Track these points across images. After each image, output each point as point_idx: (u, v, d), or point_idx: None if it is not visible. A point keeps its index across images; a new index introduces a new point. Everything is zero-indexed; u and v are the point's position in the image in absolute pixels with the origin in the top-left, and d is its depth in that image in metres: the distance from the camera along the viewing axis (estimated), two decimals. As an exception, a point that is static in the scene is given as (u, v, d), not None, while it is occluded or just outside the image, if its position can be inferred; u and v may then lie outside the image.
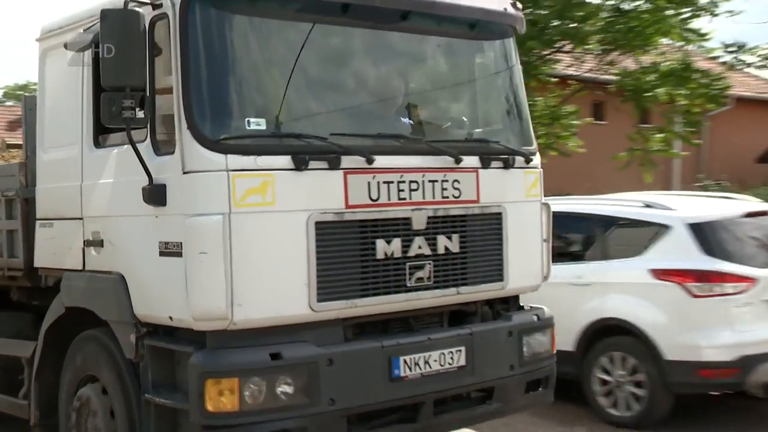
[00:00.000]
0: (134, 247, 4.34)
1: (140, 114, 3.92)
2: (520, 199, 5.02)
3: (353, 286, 4.18)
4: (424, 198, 4.45)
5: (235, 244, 3.81)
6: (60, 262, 4.93)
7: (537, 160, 5.17)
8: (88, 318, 4.72)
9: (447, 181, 4.56)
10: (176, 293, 3.97)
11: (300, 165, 3.98)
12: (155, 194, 4.02)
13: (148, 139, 4.13)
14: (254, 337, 3.95)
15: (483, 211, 4.77)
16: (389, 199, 4.32)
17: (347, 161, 4.13)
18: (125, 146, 4.20)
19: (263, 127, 4.03)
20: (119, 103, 3.80)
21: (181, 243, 3.92)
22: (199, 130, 3.86)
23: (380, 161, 4.25)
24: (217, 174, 3.82)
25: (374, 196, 4.26)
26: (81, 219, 4.72)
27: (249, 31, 4.24)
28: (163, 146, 4.12)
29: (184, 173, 3.90)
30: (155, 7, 4.02)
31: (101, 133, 4.60)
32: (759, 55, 13.80)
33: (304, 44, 4.24)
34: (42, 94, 5.21)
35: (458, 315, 4.87)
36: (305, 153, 4.01)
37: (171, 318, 4.06)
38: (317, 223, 4.02)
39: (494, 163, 4.81)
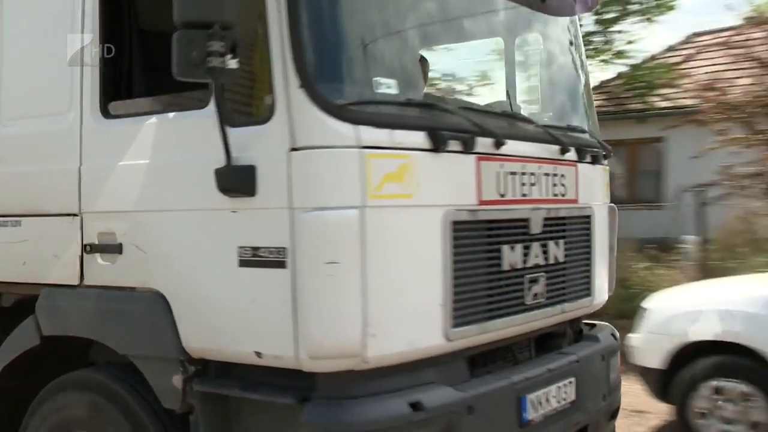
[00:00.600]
0: (186, 254, 3.06)
1: (232, 63, 2.69)
2: (601, 201, 4.29)
3: (481, 306, 3.19)
4: (540, 195, 3.56)
5: (370, 249, 2.73)
6: (35, 275, 3.50)
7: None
8: (69, 353, 3.43)
9: (556, 175, 3.71)
10: (271, 319, 2.80)
11: (438, 145, 2.95)
12: (238, 180, 2.80)
13: (213, 102, 2.88)
14: (373, 380, 2.83)
15: (580, 213, 3.97)
16: (514, 195, 3.38)
17: (480, 144, 3.14)
18: (168, 115, 3.10)
19: (395, 91, 2.96)
20: (203, 47, 2.59)
21: (286, 249, 2.72)
22: (320, 91, 2.71)
23: (504, 147, 3.30)
24: (348, 152, 2.70)
25: (502, 191, 3.30)
26: (77, 215, 3.34)
27: None
28: (243, 114, 2.96)
29: (293, 150, 2.71)
30: None
31: (113, 97, 3.31)
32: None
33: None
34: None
35: (543, 338, 4.01)
36: (441, 129, 2.98)
37: (259, 354, 2.84)
38: (454, 223, 3.01)
39: (587, 157, 4.03)
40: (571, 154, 3.83)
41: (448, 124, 3.04)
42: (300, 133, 2.70)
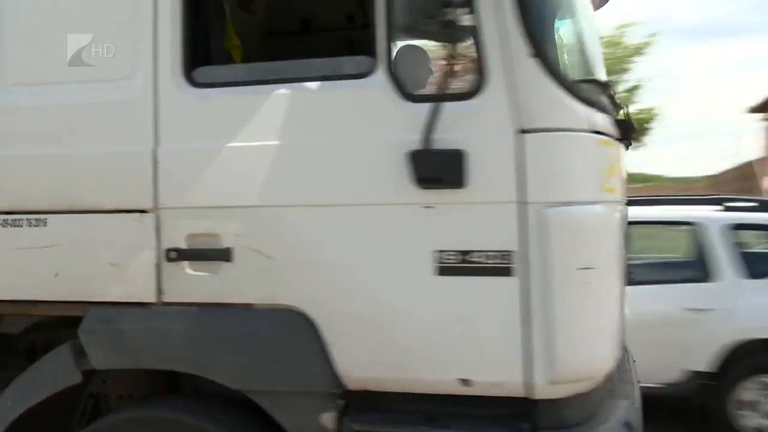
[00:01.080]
0: (348, 261, 2.37)
1: (467, 19, 2.13)
2: None
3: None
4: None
5: (601, 252, 2.33)
6: (74, 290, 2.55)
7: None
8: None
9: None
10: (487, 338, 2.27)
11: (630, 134, 2.64)
12: (442, 167, 2.24)
13: (382, 70, 2.29)
14: (582, 402, 2.36)
15: None
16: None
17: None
18: (301, 85, 2.42)
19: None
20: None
21: (512, 252, 2.21)
22: (554, 63, 2.26)
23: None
24: (587, 137, 2.29)
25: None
26: (151, 212, 2.47)
27: None
28: (436, 85, 2.34)
29: (524, 132, 2.21)
30: None
31: (202, 62, 2.53)
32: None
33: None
34: None
35: None
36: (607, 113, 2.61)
37: (466, 382, 2.28)
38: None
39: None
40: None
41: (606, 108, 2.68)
42: (533, 111, 2.21)
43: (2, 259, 2.59)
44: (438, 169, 2.24)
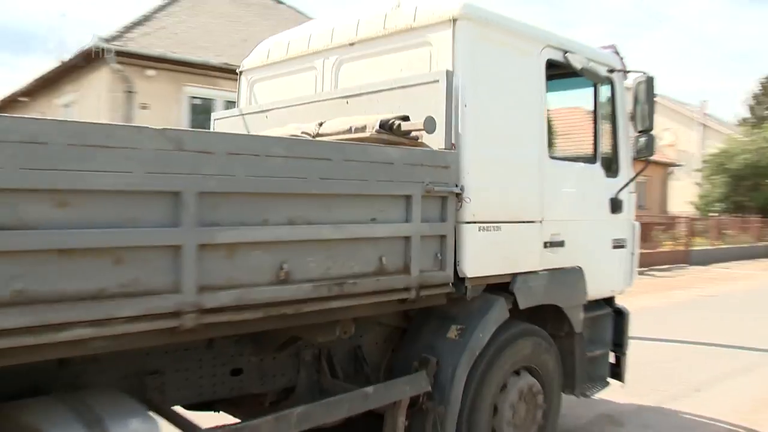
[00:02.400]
0: (590, 244, 5.20)
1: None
2: None
3: None
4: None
5: None
6: (509, 267, 4.47)
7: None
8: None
9: None
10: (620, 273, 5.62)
11: None
12: (619, 206, 5.41)
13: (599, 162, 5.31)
14: None
15: None
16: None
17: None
18: (585, 164, 5.29)
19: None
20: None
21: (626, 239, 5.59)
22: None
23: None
24: None
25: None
26: (539, 222, 4.68)
27: None
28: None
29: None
30: None
31: (550, 146, 4.92)
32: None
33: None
34: (473, 85, 4.10)
35: None
36: None
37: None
38: None
39: None
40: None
41: None
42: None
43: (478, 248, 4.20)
44: (618, 206, 5.33)
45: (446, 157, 3.86)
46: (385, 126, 3.76)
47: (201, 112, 14.36)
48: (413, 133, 3.83)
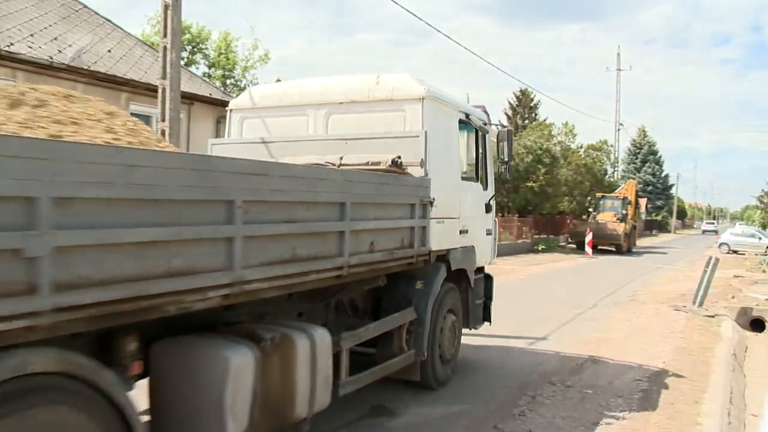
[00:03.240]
0: (477, 232, 8.34)
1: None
2: None
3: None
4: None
5: None
6: (447, 245, 7.45)
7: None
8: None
9: None
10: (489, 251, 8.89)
11: None
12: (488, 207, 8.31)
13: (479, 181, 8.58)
14: None
15: None
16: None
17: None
18: (473, 182, 8.32)
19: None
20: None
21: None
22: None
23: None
24: None
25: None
26: (458, 218, 7.74)
27: None
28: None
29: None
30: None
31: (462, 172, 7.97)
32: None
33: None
34: (432, 137, 6.75)
35: None
36: None
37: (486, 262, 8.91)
38: None
39: None
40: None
41: None
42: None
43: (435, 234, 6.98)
44: (489, 209, 8.35)
45: (427, 181, 6.60)
46: (394, 162, 6.34)
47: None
48: (407, 168, 6.56)
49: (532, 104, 50.41)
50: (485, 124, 8.72)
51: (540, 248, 33.68)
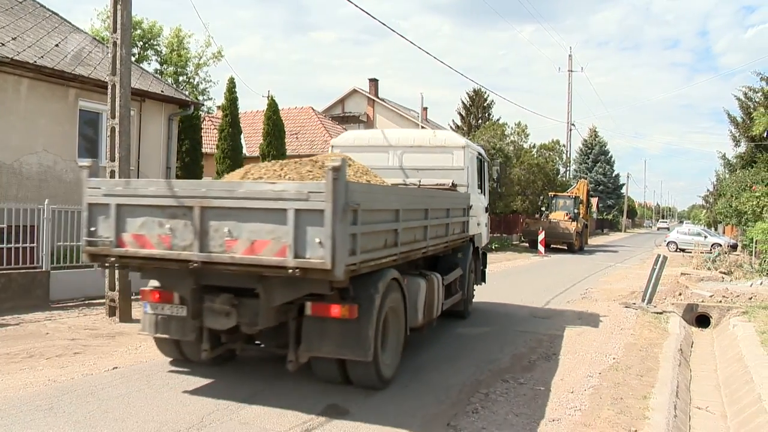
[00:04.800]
0: (481, 224, 13.17)
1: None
2: None
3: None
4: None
5: None
6: (473, 232, 12.35)
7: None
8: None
9: None
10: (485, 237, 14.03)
11: None
12: (486, 209, 12.87)
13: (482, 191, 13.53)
14: None
15: None
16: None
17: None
18: (481, 194, 13.36)
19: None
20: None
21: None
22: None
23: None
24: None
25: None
26: (476, 216, 12.59)
27: None
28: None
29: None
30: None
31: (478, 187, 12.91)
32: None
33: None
34: (468, 168, 11.93)
35: None
36: None
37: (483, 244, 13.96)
38: None
39: None
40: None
41: None
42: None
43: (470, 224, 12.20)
44: (487, 209, 11.88)
45: (468, 195, 11.72)
46: (453, 184, 11.52)
47: None
48: (457, 187, 11.59)
49: (485, 104, 50.99)
50: (485, 158, 13.85)
51: (494, 247, 34.08)
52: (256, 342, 7.78)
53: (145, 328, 7.26)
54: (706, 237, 44.01)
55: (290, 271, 5.81)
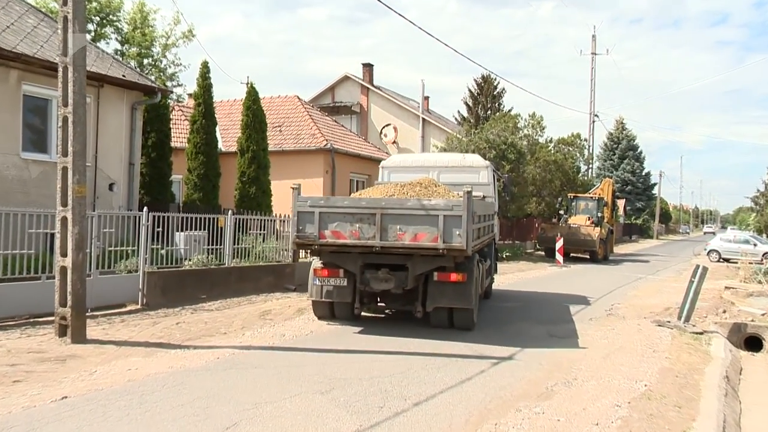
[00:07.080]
0: (496, 225, 18.93)
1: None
2: None
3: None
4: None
5: None
6: (495, 231, 18.61)
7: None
8: None
9: None
10: (498, 234, 19.92)
11: None
12: (497, 213, 14.08)
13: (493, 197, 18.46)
14: None
15: None
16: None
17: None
18: (492, 198, 17.95)
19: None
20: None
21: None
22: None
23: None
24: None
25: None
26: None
27: None
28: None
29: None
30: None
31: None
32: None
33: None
34: (490, 183, 17.86)
35: None
36: None
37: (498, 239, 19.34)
38: None
39: None
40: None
41: None
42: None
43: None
44: (497, 213, 13.50)
45: (495, 203, 18.10)
46: (484, 196, 16.45)
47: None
48: (486, 198, 16.77)
49: (495, 92, 50.73)
50: (496, 171, 19.47)
51: (504, 256, 34.01)
52: (381, 304, 13.85)
53: (312, 294, 13.18)
54: (755, 245, 43.43)
55: (440, 250, 11.59)
